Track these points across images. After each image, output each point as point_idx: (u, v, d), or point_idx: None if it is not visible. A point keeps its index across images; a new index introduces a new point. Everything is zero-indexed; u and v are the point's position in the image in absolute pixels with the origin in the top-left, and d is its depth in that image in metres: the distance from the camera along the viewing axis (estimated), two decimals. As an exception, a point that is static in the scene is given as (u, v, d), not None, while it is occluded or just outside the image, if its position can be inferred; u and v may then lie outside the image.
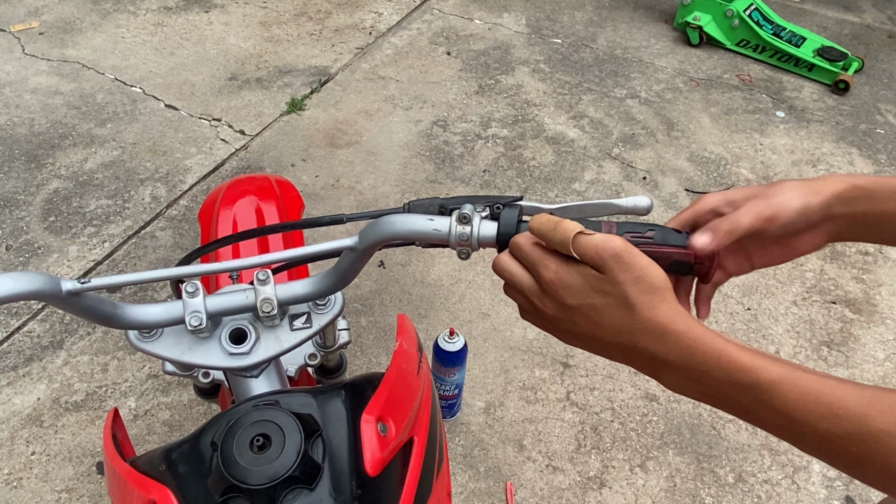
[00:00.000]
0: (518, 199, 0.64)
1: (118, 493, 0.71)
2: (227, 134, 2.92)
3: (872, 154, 2.99)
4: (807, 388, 0.48)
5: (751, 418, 0.52)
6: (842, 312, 2.32)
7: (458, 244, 0.61)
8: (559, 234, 0.55)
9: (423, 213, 0.65)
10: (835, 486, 1.86)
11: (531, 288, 0.59)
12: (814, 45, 3.42)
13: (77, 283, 0.60)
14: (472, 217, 0.60)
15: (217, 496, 0.61)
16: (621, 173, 2.82)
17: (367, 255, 0.67)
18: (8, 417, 1.93)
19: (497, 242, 0.61)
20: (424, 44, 3.54)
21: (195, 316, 0.68)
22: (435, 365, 1.81)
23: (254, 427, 0.62)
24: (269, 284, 0.70)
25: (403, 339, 0.83)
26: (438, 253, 2.43)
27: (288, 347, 0.74)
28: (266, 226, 0.88)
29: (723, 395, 0.52)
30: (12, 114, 2.96)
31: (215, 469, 0.61)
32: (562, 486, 1.85)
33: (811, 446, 0.49)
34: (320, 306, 0.76)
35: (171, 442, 0.69)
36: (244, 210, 1.20)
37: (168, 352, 0.72)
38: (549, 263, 0.57)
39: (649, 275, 0.53)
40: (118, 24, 3.57)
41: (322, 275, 0.73)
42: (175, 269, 0.67)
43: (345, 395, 0.70)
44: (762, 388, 0.49)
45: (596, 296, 0.55)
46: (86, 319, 0.65)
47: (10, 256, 2.36)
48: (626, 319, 0.54)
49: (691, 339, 0.52)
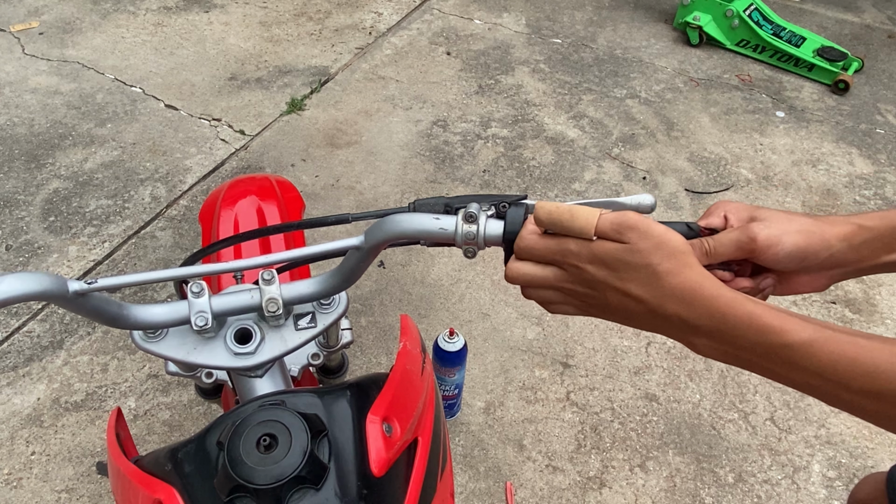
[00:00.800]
0: (523, 197, 0.64)
1: (123, 492, 0.71)
2: (226, 134, 2.92)
3: (872, 154, 3.00)
4: (838, 348, 0.48)
5: (783, 380, 0.52)
6: (842, 312, 2.33)
7: (464, 243, 0.61)
8: (579, 223, 0.56)
9: (428, 212, 0.65)
10: (835, 486, 1.86)
11: (558, 279, 0.59)
12: (814, 45, 3.42)
13: (84, 283, 0.60)
14: (479, 216, 0.60)
15: (223, 496, 0.61)
16: (621, 173, 2.83)
17: (372, 254, 0.67)
18: (8, 417, 1.93)
19: (503, 241, 0.61)
20: (424, 44, 3.54)
21: (201, 316, 0.68)
22: (435, 365, 1.81)
23: (260, 427, 0.62)
24: (275, 284, 0.70)
25: (407, 340, 0.83)
26: (438, 253, 2.43)
27: (293, 347, 0.74)
28: (271, 226, 0.88)
29: (754, 358, 0.52)
30: (12, 114, 2.95)
31: (222, 469, 0.61)
32: (562, 486, 1.85)
33: (844, 404, 0.50)
34: (325, 306, 0.76)
35: (177, 441, 0.69)
36: (245, 210, 1.20)
37: (173, 352, 0.72)
38: (569, 249, 0.57)
39: (668, 240, 0.54)
40: (118, 24, 3.57)
41: (327, 274, 0.73)
42: (181, 270, 0.67)
43: (350, 396, 0.70)
44: (793, 349, 0.49)
45: (621, 268, 0.55)
46: (92, 320, 0.65)
47: (10, 256, 2.36)
48: (654, 287, 0.54)
49: (721, 302, 0.52)
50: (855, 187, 2.83)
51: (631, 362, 2.14)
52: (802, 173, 2.88)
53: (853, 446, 1.95)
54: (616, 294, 0.57)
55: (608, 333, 2.22)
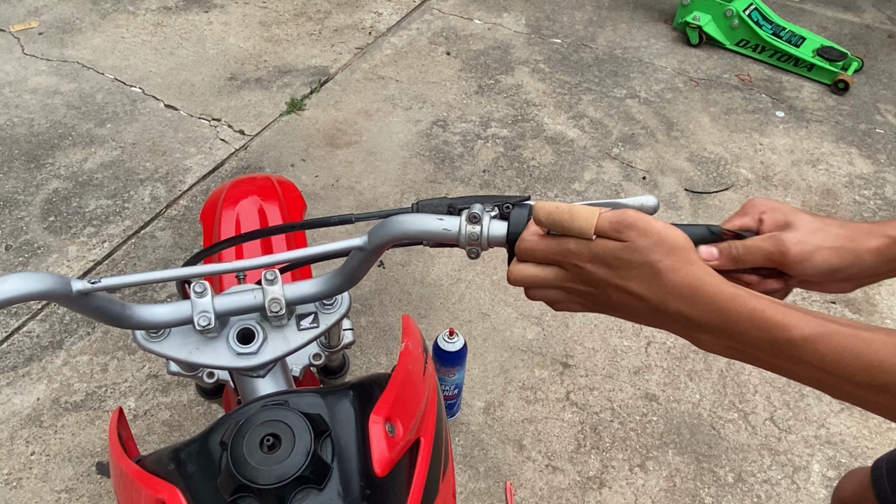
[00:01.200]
0: (526, 198, 0.64)
1: (125, 492, 0.71)
2: (226, 134, 2.91)
3: (872, 154, 3.00)
4: (842, 342, 0.48)
5: (786, 373, 0.52)
6: (842, 312, 2.33)
7: (468, 244, 0.61)
8: (578, 222, 0.56)
9: (431, 212, 0.65)
10: (834, 486, 1.86)
11: (560, 279, 0.60)
12: (813, 44, 3.42)
13: (87, 283, 0.60)
14: (482, 217, 0.60)
15: (227, 496, 0.61)
16: (621, 173, 2.83)
17: (375, 254, 0.67)
18: (8, 417, 1.93)
19: (507, 242, 0.61)
20: (424, 44, 3.54)
21: (204, 316, 0.68)
22: (435, 365, 1.81)
23: (263, 427, 0.62)
24: (278, 284, 0.70)
25: (409, 340, 0.83)
26: (438, 253, 2.43)
27: (295, 347, 0.74)
28: (273, 226, 0.88)
29: (758, 353, 0.52)
30: (12, 114, 2.95)
31: (225, 468, 0.61)
32: (561, 486, 1.85)
33: (848, 396, 0.50)
34: (327, 306, 0.76)
35: (179, 441, 0.69)
36: (247, 210, 1.20)
37: (175, 352, 0.72)
38: (569, 249, 0.58)
39: (668, 236, 0.54)
40: (118, 24, 3.56)
41: (330, 274, 0.73)
42: (184, 269, 0.67)
43: (353, 396, 0.70)
44: (797, 344, 0.50)
45: (622, 266, 0.55)
46: (94, 319, 0.65)
47: (10, 256, 2.35)
48: (655, 284, 0.55)
49: (723, 298, 0.52)
50: (854, 187, 2.83)
51: (631, 362, 2.14)
52: (802, 173, 2.88)
53: (853, 446, 1.96)
54: (618, 292, 0.57)
55: (608, 333, 2.22)
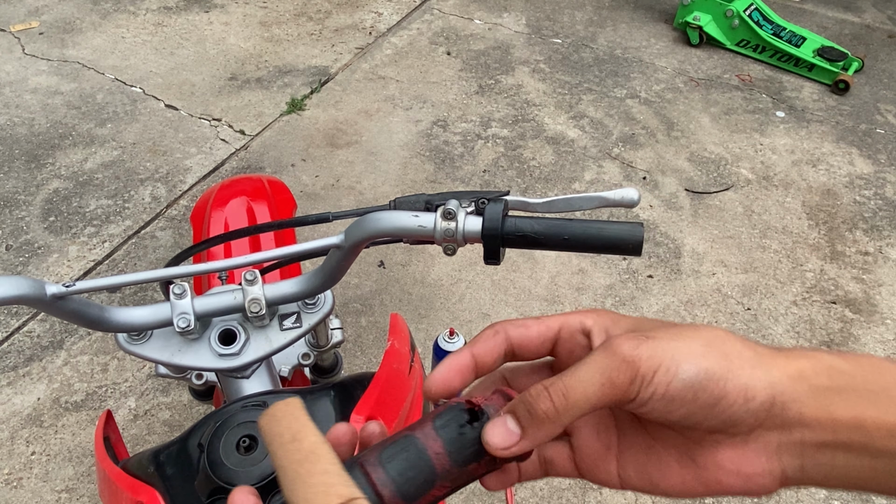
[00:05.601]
0: (504, 193, 0.63)
1: (108, 494, 0.71)
2: (227, 134, 2.92)
3: (872, 154, 2.98)
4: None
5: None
6: (842, 312, 2.32)
7: (443, 240, 0.61)
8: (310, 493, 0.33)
9: (408, 209, 0.64)
10: (833, 487, 1.85)
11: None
12: (814, 45, 3.41)
13: (62, 286, 0.60)
14: (457, 213, 0.60)
15: (204, 497, 0.61)
16: (621, 173, 2.82)
17: (353, 252, 0.67)
18: (8, 417, 1.94)
19: (482, 237, 0.60)
20: (424, 44, 3.53)
21: (183, 318, 0.68)
22: (435, 365, 1.81)
23: (240, 428, 0.62)
24: (257, 284, 0.70)
25: (396, 339, 0.83)
26: (438, 253, 2.43)
27: (278, 347, 0.74)
28: (252, 226, 0.88)
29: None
30: (12, 114, 2.96)
31: (202, 470, 0.61)
32: (562, 485, 1.85)
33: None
34: (310, 306, 0.76)
35: (160, 444, 0.69)
36: (235, 211, 1.20)
37: (157, 354, 0.72)
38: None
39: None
40: (118, 24, 3.58)
41: (309, 274, 0.72)
42: (163, 271, 0.67)
43: (334, 395, 0.70)
44: None
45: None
46: (73, 323, 0.65)
47: (10, 256, 2.36)
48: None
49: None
50: (855, 187, 2.81)
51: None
52: (802, 173, 2.87)
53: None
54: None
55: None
